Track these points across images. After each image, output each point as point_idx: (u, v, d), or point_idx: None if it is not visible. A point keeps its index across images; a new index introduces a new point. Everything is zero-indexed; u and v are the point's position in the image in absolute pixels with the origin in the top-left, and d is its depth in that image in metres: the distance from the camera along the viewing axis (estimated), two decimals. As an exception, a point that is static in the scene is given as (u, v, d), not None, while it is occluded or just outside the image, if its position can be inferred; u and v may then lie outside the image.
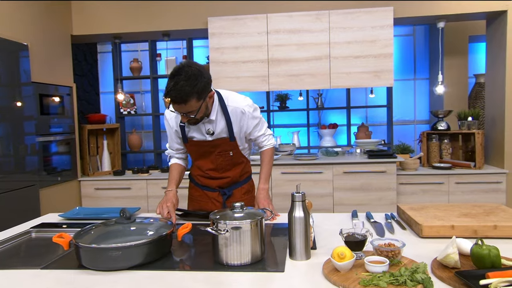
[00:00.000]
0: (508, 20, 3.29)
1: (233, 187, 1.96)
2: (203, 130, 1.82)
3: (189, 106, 1.59)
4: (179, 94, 1.54)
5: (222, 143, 1.84)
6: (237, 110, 1.81)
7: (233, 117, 1.81)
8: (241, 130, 1.85)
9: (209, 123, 1.80)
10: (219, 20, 3.59)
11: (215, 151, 1.85)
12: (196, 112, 1.63)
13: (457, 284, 1.01)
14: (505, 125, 3.36)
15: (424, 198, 3.43)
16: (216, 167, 1.89)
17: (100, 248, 1.18)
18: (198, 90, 1.58)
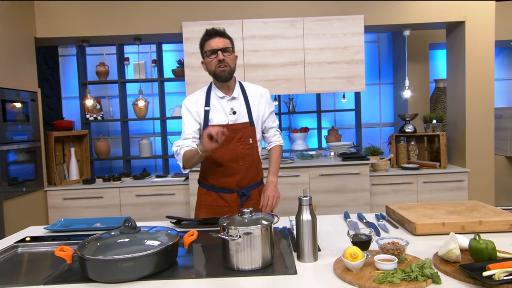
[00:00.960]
0: (466, 30, 3.55)
1: (250, 188, 1.95)
2: (226, 109, 1.87)
3: (225, 41, 1.82)
4: (218, 30, 1.84)
5: (243, 127, 1.87)
6: (256, 91, 1.96)
7: (252, 99, 1.93)
8: (259, 115, 1.93)
9: (232, 101, 1.89)
10: (194, 25, 3.58)
11: (235, 137, 1.86)
12: (231, 52, 1.82)
13: (462, 277, 1.09)
14: (466, 127, 3.61)
15: (395, 197, 3.60)
16: (237, 157, 1.87)
17: (110, 260, 1.15)
18: (231, 38, 1.88)
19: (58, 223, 1.82)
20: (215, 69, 1.83)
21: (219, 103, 1.89)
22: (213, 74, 1.87)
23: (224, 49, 1.81)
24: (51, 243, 1.60)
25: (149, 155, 4.68)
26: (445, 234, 1.48)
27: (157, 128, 4.99)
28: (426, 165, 3.69)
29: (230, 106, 1.89)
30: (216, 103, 1.89)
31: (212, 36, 1.83)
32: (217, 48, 1.80)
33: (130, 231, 1.29)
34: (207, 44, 1.85)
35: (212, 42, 1.82)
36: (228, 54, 1.82)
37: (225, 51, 1.81)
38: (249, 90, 1.96)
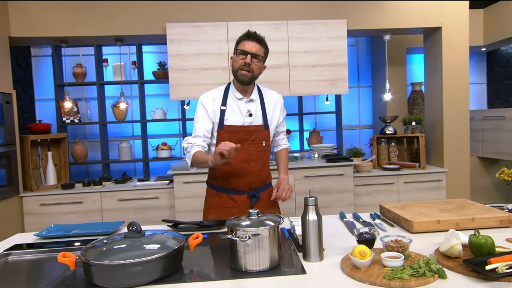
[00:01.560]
0: (443, 35, 3.70)
1: (260, 189, 1.98)
2: (243, 111, 1.90)
3: (260, 49, 1.85)
4: (258, 36, 1.86)
5: (257, 130, 1.91)
6: (272, 97, 2.01)
7: (268, 104, 1.97)
8: (272, 119, 1.98)
9: (249, 103, 1.92)
10: (178, 26, 3.54)
11: (249, 139, 1.89)
12: (260, 60, 1.85)
13: (466, 271, 1.14)
14: (443, 129, 3.75)
15: (377, 198, 3.69)
16: (249, 158, 1.90)
17: (119, 265, 1.12)
18: (267, 47, 1.91)
19: (48, 229, 1.75)
20: (238, 69, 1.85)
21: (236, 104, 1.91)
22: (234, 73, 1.89)
23: (255, 55, 1.83)
24: (44, 249, 1.54)
25: (129, 158, 4.59)
26: (440, 231, 1.53)
27: (136, 131, 4.90)
28: (406, 166, 3.81)
29: (247, 108, 1.92)
30: (233, 103, 1.92)
31: (250, 39, 1.85)
32: (249, 51, 1.83)
33: (135, 235, 1.27)
34: (242, 43, 1.87)
35: (247, 44, 1.84)
36: (257, 61, 1.85)
37: (255, 57, 1.84)
38: (265, 94, 2.00)
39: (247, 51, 1.83)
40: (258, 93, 1.98)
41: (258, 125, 1.92)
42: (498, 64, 5.05)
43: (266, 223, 1.27)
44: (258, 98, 1.96)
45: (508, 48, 4.89)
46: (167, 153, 4.60)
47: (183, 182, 3.55)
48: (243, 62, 1.83)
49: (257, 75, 1.90)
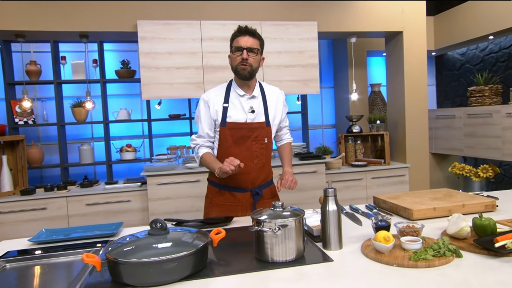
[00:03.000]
0: (404, 39, 3.96)
1: (263, 186, 1.99)
2: (245, 108, 1.91)
3: (255, 42, 1.86)
4: (251, 28, 1.87)
5: (259, 127, 1.92)
6: (273, 92, 2.04)
7: (270, 100, 1.99)
8: (275, 116, 2.00)
9: (252, 100, 1.94)
10: (150, 24, 3.45)
11: (252, 136, 1.91)
12: (257, 53, 1.86)
13: (477, 250, 1.25)
14: (405, 127, 4.01)
15: (347, 193, 3.85)
16: (251, 155, 1.91)
17: (154, 262, 1.08)
18: (262, 38, 1.92)
19: (42, 234, 1.64)
20: (237, 66, 1.87)
21: (238, 101, 1.93)
22: (234, 70, 1.91)
23: (250, 48, 1.85)
24: (42, 255, 1.44)
25: (91, 161, 4.38)
26: (436, 218, 1.66)
27: (96, 133, 4.69)
28: (372, 162, 4.01)
29: (249, 104, 1.93)
30: (236, 100, 1.93)
31: (242, 34, 1.86)
32: (244, 46, 1.84)
33: (160, 232, 1.23)
34: (236, 40, 1.88)
35: (241, 39, 1.86)
36: (253, 54, 1.86)
37: (250, 51, 1.85)
38: (267, 90, 2.02)
39: (242, 47, 1.85)
40: (260, 90, 2.00)
41: (261, 122, 1.94)
42: (446, 67, 5.49)
43: (291, 214, 1.29)
44: (260, 95, 1.98)
45: (454, 53, 5.33)
46: (132, 155, 4.45)
47: (157, 183, 3.46)
48: (240, 59, 1.85)
49: (257, 68, 1.92)
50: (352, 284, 1.08)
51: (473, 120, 4.36)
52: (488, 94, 4.26)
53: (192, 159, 3.82)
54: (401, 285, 1.05)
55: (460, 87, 5.26)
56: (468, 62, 5.10)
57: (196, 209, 3.54)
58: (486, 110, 4.16)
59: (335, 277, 1.14)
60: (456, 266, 1.16)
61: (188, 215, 3.51)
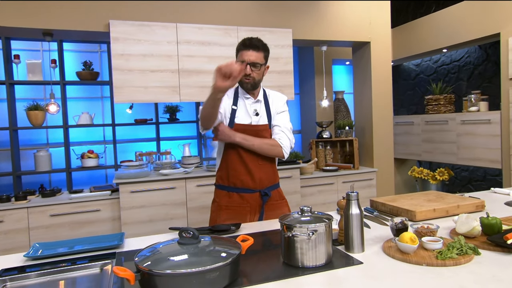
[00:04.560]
0: (372, 49, 4.16)
1: (271, 188, 2.02)
2: (250, 111, 1.97)
3: (259, 56, 1.89)
4: (255, 41, 1.90)
5: (264, 129, 1.97)
6: (275, 97, 2.08)
7: (272, 104, 2.04)
8: (274, 116, 2.03)
9: (256, 103, 2.00)
10: (123, 24, 3.30)
11: (257, 137, 1.94)
12: (260, 67, 1.91)
13: (491, 247, 1.34)
14: (373, 133, 4.20)
15: (320, 197, 3.94)
16: (256, 157, 1.95)
17: (197, 272, 1.03)
18: (266, 49, 1.95)
19: (36, 250, 1.48)
20: (241, 78, 1.91)
21: (244, 104, 1.99)
22: (239, 81, 1.94)
23: (254, 63, 1.89)
24: (44, 271, 1.31)
25: (48, 169, 4.08)
26: (436, 218, 1.75)
27: (52, 138, 4.39)
28: (342, 167, 4.15)
29: (253, 107, 1.99)
30: (242, 103, 1.99)
31: (247, 48, 1.90)
32: (247, 61, 1.88)
33: (193, 241, 1.18)
34: (240, 53, 1.93)
35: (245, 54, 1.89)
36: (257, 69, 1.91)
37: (253, 65, 1.90)
38: (270, 95, 2.08)
39: (245, 61, 1.88)
40: (263, 95, 2.06)
41: (264, 125, 2.00)
42: (402, 77, 5.84)
43: (321, 219, 1.30)
44: (263, 99, 2.05)
45: (409, 64, 5.70)
46: (95, 161, 4.22)
47: (131, 191, 3.30)
48: (243, 73, 1.86)
49: (260, 80, 1.98)
50: (393, 284, 1.11)
51: (430, 126, 4.67)
52: (443, 103, 4.60)
53: (165, 165, 3.70)
54: (442, 283, 1.10)
55: (415, 96, 5.62)
56: (423, 72, 5.48)
57: (170, 217, 3.42)
58: (443, 117, 4.49)
59: (373, 279, 1.16)
60: (479, 263, 1.23)
61: (163, 224, 3.39)
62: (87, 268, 1.33)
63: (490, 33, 3.98)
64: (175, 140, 4.83)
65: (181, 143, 4.60)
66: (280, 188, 2.14)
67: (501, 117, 3.87)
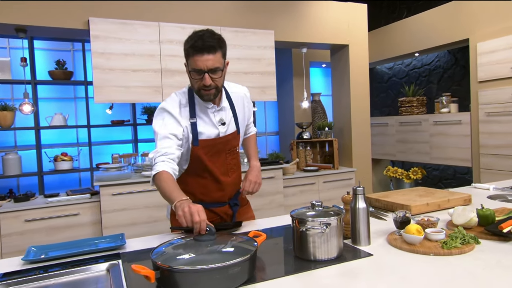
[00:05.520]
0: (350, 52, 4.27)
1: (237, 195, 1.85)
2: (214, 121, 1.66)
3: (217, 59, 1.48)
4: (208, 39, 1.47)
5: (232, 138, 1.72)
6: (239, 94, 1.78)
7: (238, 105, 1.76)
8: (244, 119, 1.82)
9: (220, 112, 1.68)
10: (104, 22, 3.21)
11: (226, 149, 1.71)
12: (221, 72, 1.53)
13: (488, 236, 1.41)
14: (351, 134, 4.31)
15: (302, 197, 3.99)
16: (227, 169, 1.73)
17: (221, 267, 1.02)
18: (222, 45, 1.53)
19: (32, 253, 1.41)
20: (199, 91, 1.56)
21: (205, 114, 1.65)
22: (196, 92, 1.60)
23: (213, 70, 1.50)
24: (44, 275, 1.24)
25: (18, 172, 3.89)
26: (429, 212, 1.82)
27: (21, 140, 4.19)
28: (322, 167, 4.22)
29: (218, 116, 1.68)
30: (202, 114, 1.65)
31: (200, 52, 1.47)
32: (204, 69, 1.49)
33: (210, 237, 1.16)
34: (192, 60, 1.50)
35: (199, 60, 1.47)
36: (217, 76, 1.52)
37: (214, 72, 1.50)
38: (233, 94, 1.76)
39: (201, 70, 1.49)
40: (226, 97, 1.73)
41: (233, 133, 1.73)
42: (375, 80, 6.03)
43: (333, 212, 1.32)
44: (228, 104, 1.73)
45: (382, 67, 5.90)
46: (69, 164, 4.07)
47: (112, 194, 3.20)
48: (202, 84, 1.52)
49: (222, 84, 1.63)
50: (409, 273, 1.14)
51: (404, 127, 4.85)
52: (416, 105, 4.79)
53: (146, 167, 3.61)
54: (453, 270, 1.14)
55: (388, 98, 5.82)
56: (395, 75, 5.68)
57: (154, 220, 3.35)
58: (416, 118, 4.67)
59: (387, 269, 1.19)
60: (481, 251, 1.29)
61: (146, 226, 3.31)
62: (93, 269, 1.28)
63: (460, 38, 4.20)
64: (153, 142, 4.73)
65: (160, 145, 4.51)
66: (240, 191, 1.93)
67: (471, 118, 4.09)
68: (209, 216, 1.75)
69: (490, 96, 3.85)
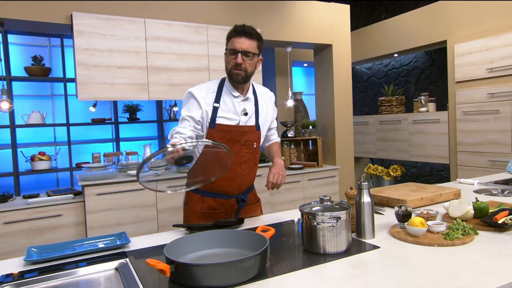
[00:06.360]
0: (333, 52, 4.33)
1: (247, 191, 1.89)
2: (238, 109, 1.78)
3: (252, 44, 1.71)
4: (248, 27, 1.71)
5: (249, 131, 1.80)
6: (265, 94, 1.92)
7: (261, 103, 1.88)
8: (266, 119, 1.90)
9: (245, 102, 1.81)
10: (88, 17, 3.12)
11: (241, 140, 1.78)
12: (252, 57, 1.71)
13: (484, 227, 1.47)
14: (335, 132, 4.38)
15: (287, 195, 4.02)
16: (240, 160, 1.78)
17: (236, 261, 1.02)
18: (260, 38, 1.76)
19: (34, 253, 1.36)
20: (231, 70, 1.73)
21: (231, 102, 1.77)
22: (228, 73, 1.77)
23: (246, 52, 1.70)
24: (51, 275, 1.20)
25: (-8, 173, 3.73)
26: (423, 206, 1.88)
27: (0, 139, 4.03)
28: (307, 165, 4.27)
29: (242, 106, 1.79)
30: (228, 101, 1.77)
31: (238, 35, 1.71)
32: (239, 49, 1.69)
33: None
34: (231, 41, 1.73)
35: (236, 41, 1.71)
36: (249, 59, 1.71)
37: (246, 54, 1.70)
38: (259, 92, 1.90)
39: (236, 50, 1.70)
40: (253, 92, 1.87)
41: (251, 126, 1.82)
42: (355, 80, 6.15)
43: (341, 207, 1.34)
44: (253, 97, 1.86)
45: (361, 67, 6.03)
46: (47, 164, 3.93)
47: (97, 193, 3.12)
48: (234, 63, 1.71)
49: (252, 72, 1.77)
50: (420, 264, 1.18)
51: (384, 126, 4.97)
52: (395, 104, 4.92)
53: (132, 166, 3.54)
54: (460, 259, 1.19)
55: (367, 97, 5.96)
56: (374, 75, 5.82)
57: (140, 220, 3.29)
58: (396, 117, 4.80)
59: (397, 261, 1.22)
60: (481, 241, 1.35)
61: (132, 227, 3.24)
62: (100, 269, 1.25)
63: (438, 40, 4.36)
64: (135, 140, 4.65)
65: (142, 143, 4.43)
66: (254, 188, 2.01)
67: (449, 116, 4.25)
68: (214, 207, 1.81)
69: (466, 96, 4.01)
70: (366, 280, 1.09)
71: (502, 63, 3.70)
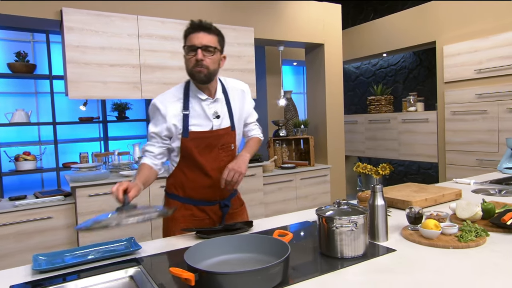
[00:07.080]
0: (325, 51, 4.35)
1: (230, 196, 1.81)
2: (208, 113, 1.67)
3: (211, 39, 1.58)
4: (206, 23, 1.60)
5: (225, 133, 1.70)
6: (237, 89, 1.79)
7: (234, 100, 1.75)
8: (241, 115, 1.79)
9: (215, 104, 1.69)
10: (79, 13, 3.02)
11: (218, 144, 1.69)
12: (214, 52, 1.59)
13: (493, 228, 1.50)
14: (327, 131, 4.39)
15: (280, 194, 4.01)
16: (219, 165, 1.68)
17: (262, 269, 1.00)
18: (219, 33, 1.65)
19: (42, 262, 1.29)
20: (192, 69, 1.60)
21: (199, 106, 1.67)
22: (189, 73, 1.63)
23: (206, 47, 1.56)
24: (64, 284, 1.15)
25: (-26, 174, 3.59)
26: (427, 207, 1.90)
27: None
28: (299, 164, 4.27)
29: (213, 109, 1.68)
30: (197, 106, 1.67)
31: (196, 30, 1.57)
32: (198, 45, 1.55)
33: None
34: (189, 38, 1.59)
35: (194, 37, 1.56)
36: (210, 54, 1.57)
37: (206, 50, 1.56)
38: (229, 88, 1.76)
39: (195, 46, 1.56)
40: (223, 90, 1.74)
41: (226, 128, 1.71)
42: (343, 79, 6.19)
43: (358, 211, 1.33)
44: (223, 96, 1.73)
45: (350, 67, 6.07)
46: (32, 164, 3.81)
47: (89, 195, 3.03)
48: (195, 60, 1.57)
49: (215, 70, 1.63)
50: (440, 267, 1.18)
51: (373, 125, 5.03)
52: (384, 103, 4.98)
53: (123, 166, 3.46)
54: (477, 261, 1.20)
55: (355, 97, 6.01)
56: (362, 75, 5.87)
57: (133, 221, 3.21)
58: (385, 116, 4.86)
59: (418, 263, 1.22)
60: (494, 243, 1.37)
61: (125, 229, 3.16)
62: (113, 277, 1.20)
63: (427, 41, 4.43)
64: (124, 139, 4.55)
65: (131, 142, 4.34)
66: (238, 192, 1.91)
67: (437, 116, 4.33)
68: (198, 215, 1.74)
69: (455, 96, 4.09)
70: (391, 285, 1.09)
71: (490, 64, 3.79)
